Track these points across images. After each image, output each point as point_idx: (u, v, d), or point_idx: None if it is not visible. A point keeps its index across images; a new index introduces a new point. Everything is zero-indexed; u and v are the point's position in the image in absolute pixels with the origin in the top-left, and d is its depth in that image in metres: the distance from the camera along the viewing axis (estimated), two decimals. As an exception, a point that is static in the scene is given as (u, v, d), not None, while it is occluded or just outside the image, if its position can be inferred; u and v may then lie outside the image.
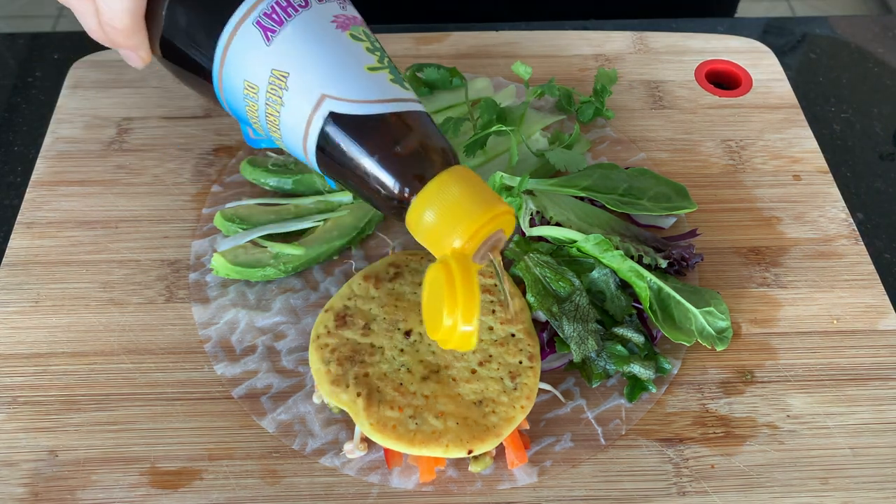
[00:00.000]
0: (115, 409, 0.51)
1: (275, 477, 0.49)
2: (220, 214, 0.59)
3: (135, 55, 0.49)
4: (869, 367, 0.54)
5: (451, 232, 0.41)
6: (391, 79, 0.44)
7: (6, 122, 0.70)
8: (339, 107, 0.42)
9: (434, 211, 0.41)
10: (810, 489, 0.49)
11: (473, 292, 0.40)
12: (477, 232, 0.41)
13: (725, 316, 0.54)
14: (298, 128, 0.43)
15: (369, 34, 0.45)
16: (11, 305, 0.56)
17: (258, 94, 0.44)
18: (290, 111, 0.43)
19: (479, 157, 0.64)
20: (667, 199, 0.61)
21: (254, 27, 0.43)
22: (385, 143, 0.42)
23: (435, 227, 0.41)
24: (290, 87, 0.43)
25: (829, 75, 0.77)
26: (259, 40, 0.43)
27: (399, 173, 0.42)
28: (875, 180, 0.68)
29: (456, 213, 0.41)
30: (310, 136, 0.43)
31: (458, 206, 0.41)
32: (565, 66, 0.74)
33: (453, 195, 0.41)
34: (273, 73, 0.43)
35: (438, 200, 0.41)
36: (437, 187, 0.41)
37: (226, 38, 0.44)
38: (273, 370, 0.53)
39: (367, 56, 0.44)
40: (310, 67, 0.43)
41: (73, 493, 0.48)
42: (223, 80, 0.45)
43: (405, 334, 0.51)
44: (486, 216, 0.41)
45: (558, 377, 0.54)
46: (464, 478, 0.49)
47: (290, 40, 0.43)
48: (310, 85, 0.43)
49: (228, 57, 0.44)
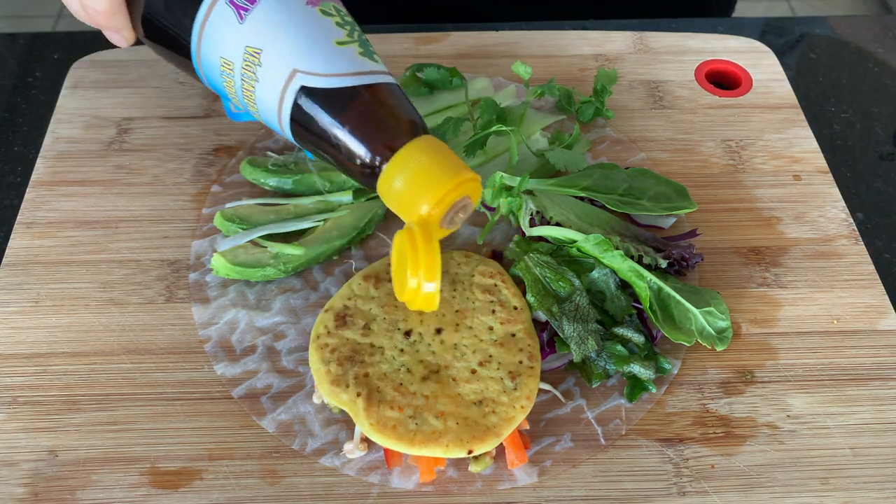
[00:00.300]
0: (115, 409, 0.51)
1: (275, 477, 0.49)
2: (220, 214, 0.59)
3: (118, 35, 0.51)
4: (869, 367, 0.54)
5: (419, 198, 0.43)
6: (360, 52, 0.45)
7: (6, 122, 0.70)
8: (309, 81, 0.44)
9: (402, 178, 0.43)
10: (810, 489, 0.49)
11: (435, 254, 0.43)
12: (443, 198, 0.43)
13: (725, 316, 0.54)
14: (273, 102, 0.45)
15: (340, 8, 0.47)
16: (11, 305, 0.56)
17: (234, 71, 0.46)
18: (264, 86, 0.45)
19: (479, 157, 0.64)
20: (667, 199, 0.61)
21: (227, 6, 0.45)
22: (355, 115, 0.44)
23: (403, 193, 0.43)
24: (263, 63, 0.45)
25: (829, 75, 0.77)
26: (233, 18, 0.45)
27: (369, 143, 0.44)
28: (875, 180, 0.68)
29: (423, 180, 0.43)
30: (283, 109, 0.45)
31: (425, 174, 0.43)
32: (565, 66, 0.74)
33: (420, 163, 0.43)
34: (247, 50, 0.45)
35: (406, 168, 0.43)
36: (405, 156, 0.43)
37: (201, 17, 0.46)
38: (273, 370, 0.53)
39: (337, 30, 0.45)
40: (281, 43, 0.44)
41: (73, 493, 0.48)
42: (201, 58, 0.47)
43: (405, 334, 0.51)
44: (452, 183, 0.43)
45: (558, 377, 0.54)
46: (464, 478, 0.49)
47: (262, 18, 0.45)
48: (281, 60, 0.44)
49: (205, 35, 0.46)
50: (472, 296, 0.53)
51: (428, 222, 0.43)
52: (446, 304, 0.53)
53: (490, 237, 0.61)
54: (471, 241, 0.61)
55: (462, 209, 0.45)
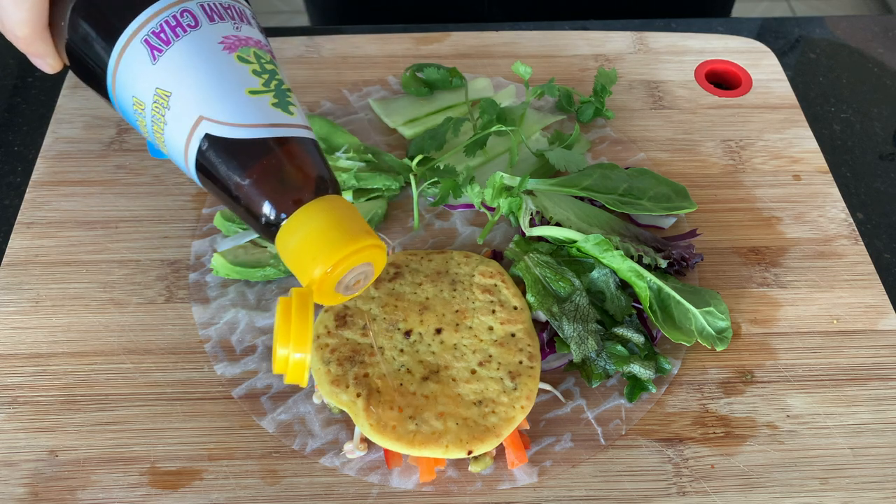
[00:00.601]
0: (115, 409, 0.51)
1: (275, 477, 0.49)
2: (220, 214, 0.59)
3: (41, 61, 0.49)
4: (869, 367, 0.54)
5: (313, 260, 0.41)
6: (273, 103, 0.43)
7: (6, 122, 0.70)
8: (214, 129, 0.42)
9: (298, 238, 0.41)
10: (810, 489, 0.49)
11: (307, 324, 0.40)
12: (339, 262, 0.41)
13: (725, 316, 0.54)
14: (180, 146, 0.44)
15: (262, 55, 0.45)
16: (11, 305, 0.56)
17: (145, 111, 0.44)
18: (171, 130, 0.44)
19: (479, 157, 0.64)
20: (667, 199, 0.61)
21: (142, 45, 0.43)
22: (257, 168, 0.42)
23: (298, 253, 0.41)
24: (171, 106, 0.43)
25: (828, 76, 0.77)
26: (146, 58, 0.43)
27: (270, 198, 0.42)
28: (875, 180, 0.68)
29: (319, 242, 0.41)
30: (189, 155, 0.43)
31: (322, 236, 0.41)
32: (565, 66, 0.74)
33: (319, 224, 0.41)
34: (157, 92, 0.43)
35: (304, 228, 0.41)
36: (304, 215, 0.41)
37: (116, 54, 0.44)
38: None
39: (252, 79, 0.43)
40: (190, 88, 0.43)
41: (73, 493, 0.48)
42: (116, 94, 0.46)
43: (405, 334, 0.51)
44: (349, 248, 0.41)
45: (558, 377, 0.54)
46: (464, 478, 0.49)
47: (175, 60, 0.43)
48: (189, 106, 0.43)
49: (119, 72, 0.44)
50: (472, 296, 0.53)
51: (318, 286, 0.41)
52: (446, 304, 0.53)
53: (490, 237, 0.61)
54: (471, 241, 0.61)
55: (363, 276, 0.43)
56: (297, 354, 0.40)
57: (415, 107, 0.68)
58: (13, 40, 0.48)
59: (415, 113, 0.68)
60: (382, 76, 0.72)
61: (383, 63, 0.73)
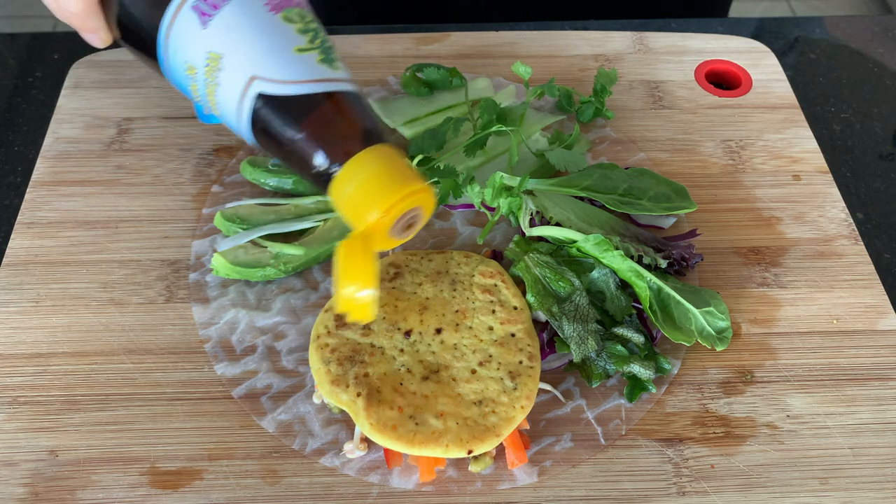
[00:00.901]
0: (115, 409, 0.51)
1: (275, 477, 0.49)
2: (220, 214, 0.59)
3: (94, 36, 0.51)
4: (869, 367, 0.54)
5: (368, 205, 0.43)
6: (320, 59, 0.46)
7: (6, 122, 0.70)
8: (267, 87, 0.45)
9: (353, 185, 0.44)
10: (810, 489, 0.49)
11: (371, 262, 0.43)
12: (392, 206, 0.43)
13: (725, 316, 0.54)
14: (233, 107, 0.46)
15: (305, 14, 0.47)
16: (11, 305, 0.56)
17: (197, 75, 0.46)
18: (224, 91, 0.46)
19: (479, 157, 0.64)
20: (667, 199, 0.61)
21: (191, 11, 0.46)
22: (310, 121, 0.45)
23: (353, 200, 0.44)
24: (223, 68, 0.45)
25: (828, 76, 0.77)
26: (196, 24, 0.45)
27: (323, 149, 0.44)
28: (875, 180, 0.68)
29: (373, 187, 0.43)
30: (243, 114, 0.45)
31: (376, 182, 0.43)
32: (565, 66, 0.74)
33: (372, 171, 0.44)
34: (209, 55, 0.45)
35: (358, 175, 0.44)
36: (357, 163, 0.44)
37: (167, 21, 0.46)
38: (273, 370, 0.53)
39: (298, 37, 0.46)
40: (240, 50, 0.45)
41: (73, 493, 0.48)
42: (168, 61, 0.48)
43: (405, 334, 0.51)
44: (401, 192, 0.43)
45: (558, 377, 0.54)
46: (464, 478, 0.49)
47: (224, 24, 0.45)
48: (240, 67, 0.45)
49: (170, 39, 0.46)
50: (472, 296, 0.53)
51: (373, 231, 0.44)
52: (446, 304, 0.53)
53: (490, 237, 0.61)
54: (471, 241, 0.61)
55: (414, 220, 0.45)
56: (366, 292, 0.43)
57: (415, 107, 0.68)
58: (66, 16, 0.50)
59: (415, 113, 0.68)
60: (382, 76, 0.72)
61: (383, 63, 0.73)
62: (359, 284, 0.43)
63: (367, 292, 0.43)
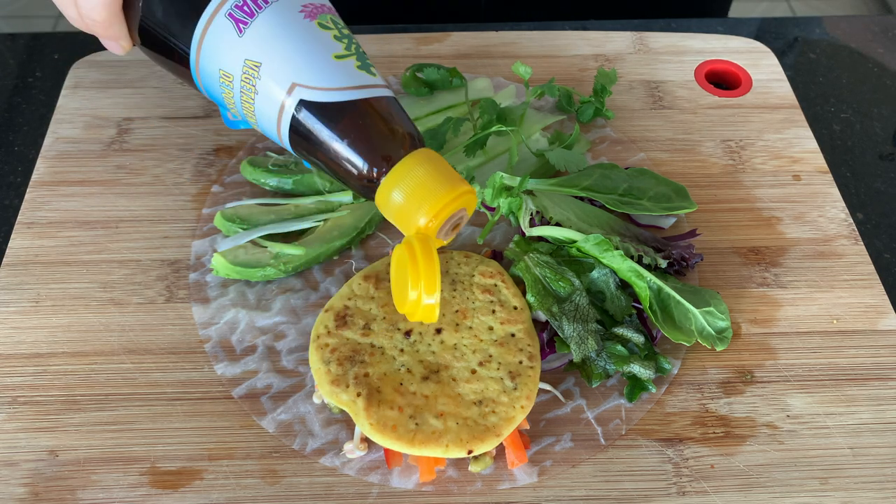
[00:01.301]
0: (115, 409, 0.51)
1: (275, 477, 0.49)
2: (220, 214, 0.59)
3: (115, 44, 0.51)
4: (869, 367, 0.54)
5: (417, 210, 0.44)
6: (358, 65, 0.46)
7: (6, 122, 0.70)
8: (308, 94, 0.45)
9: (401, 191, 0.44)
10: (810, 489, 0.49)
11: (434, 267, 0.43)
12: (441, 210, 0.44)
13: (725, 316, 0.54)
14: (272, 114, 0.46)
15: (337, 21, 0.48)
16: (11, 305, 0.56)
17: (233, 83, 0.46)
18: (263, 99, 0.46)
19: (479, 157, 0.64)
20: (667, 199, 0.61)
21: (226, 19, 0.45)
22: (354, 128, 0.45)
23: (402, 205, 0.44)
24: (262, 76, 0.45)
25: (828, 76, 0.77)
26: (232, 32, 0.45)
27: (368, 156, 0.45)
28: (875, 180, 0.68)
29: (421, 192, 0.44)
30: (283, 122, 0.46)
31: (424, 186, 0.44)
32: (565, 66, 0.74)
33: (419, 176, 0.44)
34: (246, 63, 0.45)
35: (405, 181, 0.44)
36: (403, 168, 0.44)
37: (200, 29, 0.46)
38: (273, 370, 0.53)
39: (335, 44, 0.46)
40: (280, 57, 0.45)
41: (73, 493, 0.48)
42: (200, 68, 0.47)
43: (405, 334, 0.51)
44: (450, 195, 0.44)
45: (558, 377, 0.54)
46: (464, 478, 0.49)
47: (262, 31, 0.45)
48: (281, 74, 0.45)
49: (204, 47, 0.46)
50: (472, 296, 0.53)
51: (430, 234, 0.44)
52: (446, 304, 0.53)
53: (490, 237, 0.61)
54: (471, 241, 0.61)
55: (459, 220, 0.46)
56: (430, 297, 0.44)
57: (415, 107, 0.68)
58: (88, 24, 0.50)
59: (415, 113, 0.68)
60: (382, 76, 0.72)
61: (383, 63, 0.73)
62: (427, 288, 0.44)
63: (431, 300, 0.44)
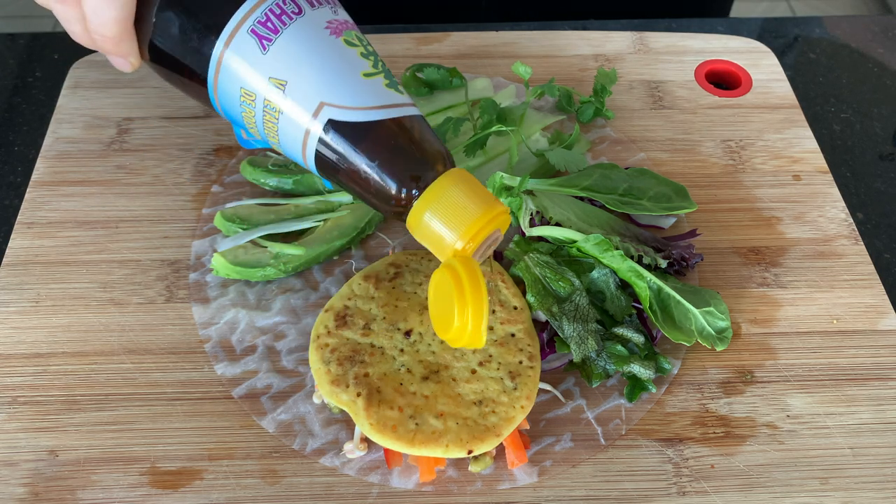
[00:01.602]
0: (115, 409, 0.51)
1: (275, 477, 0.49)
2: (220, 214, 0.59)
3: (123, 61, 0.48)
4: (869, 367, 0.54)
5: (454, 233, 0.42)
6: (386, 84, 0.44)
7: (6, 122, 0.70)
8: (337, 114, 0.43)
9: (435, 213, 0.42)
10: (810, 489, 0.49)
11: (482, 293, 0.41)
12: (478, 233, 0.42)
13: (725, 316, 0.54)
14: (297, 134, 0.44)
15: (361, 38, 0.46)
16: (11, 305, 0.56)
17: (255, 102, 0.44)
18: (288, 118, 0.44)
19: (479, 157, 0.64)
20: (667, 199, 0.61)
21: (249, 35, 0.43)
22: (384, 149, 0.43)
23: (437, 229, 0.42)
24: (288, 94, 0.43)
25: (828, 76, 0.77)
26: (255, 49, 0.43)
27: (399, 178, 0.43)
28: (875, 180, 0.68)
29: (457, 215, 0.42)
30: (309, 142, 0.44)
31: (459, 209, 0.42)
32: (565, 66, 0.74)
33: (454, 198, 0.42)
34: (270, 82, 0.43)
35: (439, 203, 0.42)
36: (437, 190, 0.42)
37: (221, 46, 0.44)
38: (273, 370, 0.53)
39: (362, 62, 0.44)
40: (307, 76, 0.43)
41: (73, 493, 0.48)
42: (218, 87, 0.45)
43: (405, 334, 0.51)
44: (486, 217, 0.42)
45: (558, 377, 0.54)
46: (464, 478, 0.49)
47: (287, 49, 0.43)
48: (308, 93, 0.43)
49: (224, 65, 0.44)
50: (472, 296, 0.53)
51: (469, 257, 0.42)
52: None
53: (490, 237, 0.61)
54: (471, 241, 0.61)
55: (493, 242, 0.44)
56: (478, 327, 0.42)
57: (415, 107, 0.68)
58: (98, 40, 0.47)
59: (415, 113, 0.68)
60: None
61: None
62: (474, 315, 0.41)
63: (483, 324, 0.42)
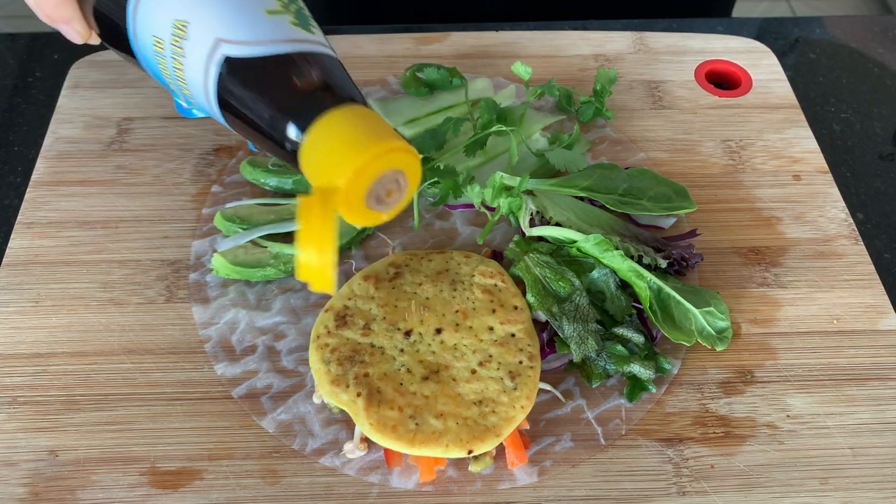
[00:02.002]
0: (115, 409, 0.51)
1: (275, 477, 0.49)
2: (220, 214, 0.59)
3: (68, 27, 0.49)
4: (869, 367, 0.54)
5: (337, 166, 0.38)
6: (292, 22, 0.43)
7: (6, 122, 0.70)
8: (233, 49, 0.41)
9: (321, 146, 0.39)
10: (810, 489, 0.49)
11: (329, 224, 0.38)
12: (364, 167, 0.38)
13: (725, 316, 0.54)
14: (199, 77, 0.42)
15: None
16: (11, 305, 0.56)
17: (165, 49, 0.43)
18: (191, 61, 0.42)
19: (479, 157, 0.64)
20: (667, 199, 0.61)
21: None
22: (277, 82, 0.41)
23: (321, 162, 0.39)
24: (189, 36, 0.42)
25: (828, 76, 0.77)
26: None
27: (293, 114, 0.40)
28: (875, 180, 0.68)
29: (342, 147, 0.38)
30: (209, 84, 0.42)
31: (345, 140, 0.38)
32: (565, 66, 0.74)
33: (341, 130, 0.39)
34: (175, 24, 0.42)
35: (326, 136, 0.39)
36: (326, 123, 0.39)
37: None
38: (273, 370, 0.53)
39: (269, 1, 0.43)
40: (207, 13, 0.42)
41: (73, 493, 0.48)
42: (138, 41, 0.45)
43: (405, 334, 0.51)
44: (374, 149, 0.38)
45: (558, 377, 0.54)
46: (464, 478, 0.49)
47: None
48: (206, 31, 0.42)
49: (139, 14, 0.44)
50: (472, 296, 0.53)
51: (344, 194, 0.38)
52: (446, 304, 0.53)
53: (490, 237, 0.61)
54: (471, 241, 0.61)
55: (395, 187, 0.40)
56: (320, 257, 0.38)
57: (415, 107, 0.68)
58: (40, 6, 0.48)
59: (415, 113, 0.68)
60: (382, 76, 0.72)
61: (383, 63, 0.73)
62: (315, 248, 0.38)
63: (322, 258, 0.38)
